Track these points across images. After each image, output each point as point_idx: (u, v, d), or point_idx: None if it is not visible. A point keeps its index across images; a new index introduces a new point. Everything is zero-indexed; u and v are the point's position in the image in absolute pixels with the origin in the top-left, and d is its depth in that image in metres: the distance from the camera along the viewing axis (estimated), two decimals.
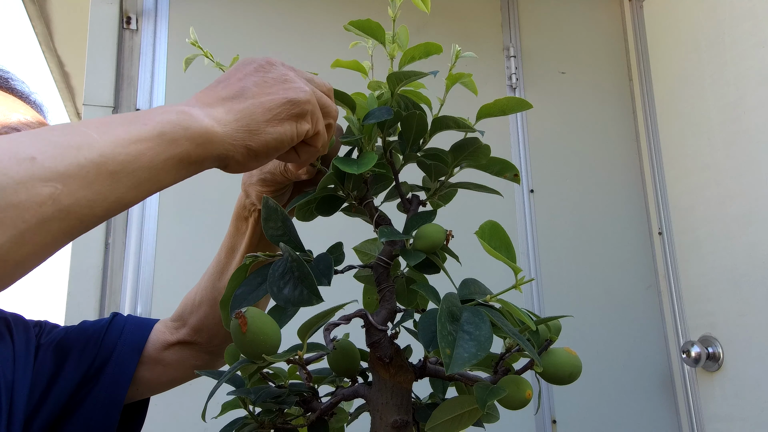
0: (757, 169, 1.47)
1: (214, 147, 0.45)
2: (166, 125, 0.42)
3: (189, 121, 0.44)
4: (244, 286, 0.54)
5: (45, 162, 0.36)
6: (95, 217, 0.39)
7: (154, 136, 0.41)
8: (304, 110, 0.49)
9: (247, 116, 0.47)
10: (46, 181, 0.36)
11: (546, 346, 0.53)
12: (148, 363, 0.75)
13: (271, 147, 0.48)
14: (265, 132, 0.47)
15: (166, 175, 0.42)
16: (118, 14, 1.47)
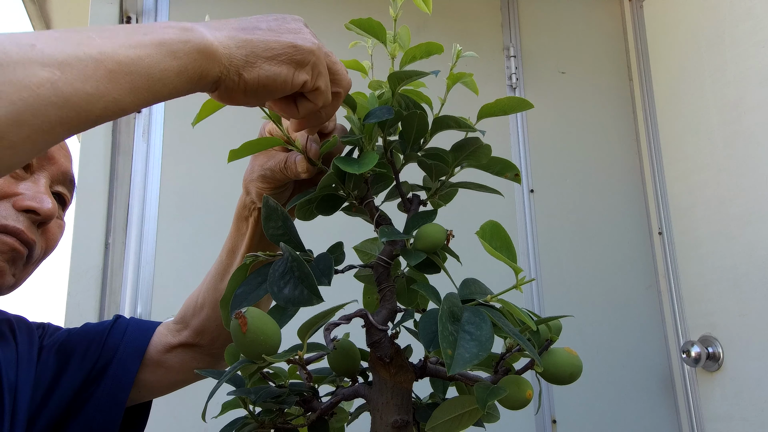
0: (757, 169, 1.47)
1: (211, 64, 0.45)
2: (167, 37, 0.43)
3: (190, 35, 0.44)
4: (244, 286, 0.54)
5: (45, 49, 0.36)
6: (92, 114, 0.39)
7: (154, 44, 0.42)
8: (306, 59, 0.49)
9: (249, 47, 0.48)
10: (44, 66, 0.36)
11: (546, 346, 0.53)
12: (150, 365, 0.75)
13: (262, 83, 0.48)
14: (261, 67, 0.48)
15: (162, 87, 0.43)
16: (118, 14, 1.47)
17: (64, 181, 0.71)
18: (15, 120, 0.35)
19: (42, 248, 0.68)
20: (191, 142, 1.45)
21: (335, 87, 0.54)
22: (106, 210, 1.37)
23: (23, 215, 0.63)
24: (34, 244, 0.65)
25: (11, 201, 0.63)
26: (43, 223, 0.66)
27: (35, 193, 0.64)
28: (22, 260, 0.65)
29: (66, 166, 0.70)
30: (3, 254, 0.62)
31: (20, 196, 0.63)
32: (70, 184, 0.72)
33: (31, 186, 0.65)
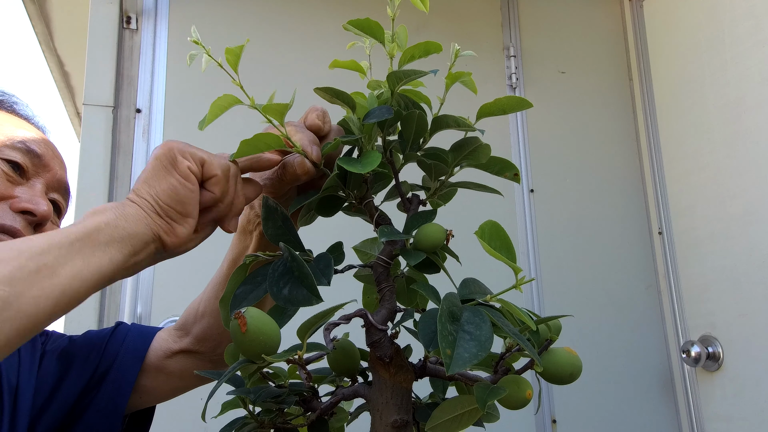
0: (757, 169, 1.47)
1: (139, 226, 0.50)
2: (91, 224, 0.47)
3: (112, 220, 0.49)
4: (243, 286, 0.54)
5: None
6: (43, 312, 0.43)
7: (81, 235, 0.46)
8: (171, 156, 0.52)
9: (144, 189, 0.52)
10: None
11: (546, 346, 0.53)
12: (150, 371, 0.76)
13: (172, 202, 0.52)
14: (162, 199, 0.52)
15: (102, 259, 0.47)
16: (118, 14, 1.47)
17: (59, 189, 0.72)
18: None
19: None
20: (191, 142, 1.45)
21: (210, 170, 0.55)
22: None
23: (20, 216, 0.64)
24: None
25: (8, 203, 0.64)
26: (39, 226, 0.67)
27: (31, 196, 0.66)
28: None
29: (61, 175, 0.72)
30: None
31: (17, 198, 0.65)
32: (65, 193, 0.73)
33: (27, 190, 0.66)
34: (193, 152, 0.53)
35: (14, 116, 0.72)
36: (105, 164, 1.39)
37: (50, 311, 0.43)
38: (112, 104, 1.43)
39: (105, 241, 0.47)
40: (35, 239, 0.44)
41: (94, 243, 0.47)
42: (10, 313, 0.40)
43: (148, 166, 0.53)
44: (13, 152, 0.66)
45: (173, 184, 0.52)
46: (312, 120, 0.59)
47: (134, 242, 0.50)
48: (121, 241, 0.49)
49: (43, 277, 0.43)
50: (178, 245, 0.53)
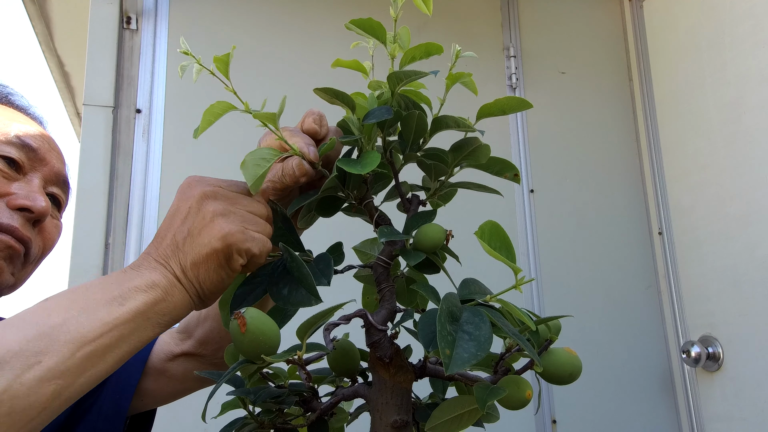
0: (757, 169, 1.47)
1: (184, 312, 0.51)
2: (141, 306, 0.47)
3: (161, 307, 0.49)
4: (243, 286, 0.54)
5: (48, 363, 0.42)
6: (87, 389, 0.45)
7: (130, 318, 0.47)
8: (228, 253, 0.50)
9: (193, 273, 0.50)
10: (50, 381, 0.41)
11: (546, 346, 0.53)
12: (152, 374, 0.76)
13: (216, 291, 0.52)
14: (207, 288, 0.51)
15: (145, 340, 0.48)
16: (118, 14, 1.47)
17: (57, 183, 0.71)
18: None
19: (39, 247, 0.68)
20: (191, 142, 1.45)
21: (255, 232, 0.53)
22: (106, 210, 1.37)
23: (17, 213, 0.63)
24: (29, 242, 0.65)
25: (5, 200, 0.63)
26: (38, 222, 0.67)
27: (28, 192, 0.65)
28: (19, 259, 0.65)
29: (59, 168, 0.70)
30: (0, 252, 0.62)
31: (13, 195, 0.64)
32: (64, 186, 0.72)
33: (24, 186, 0.65)
34: (249, 249, 0.51)
35: (9, 108, 0.70)
36: (105, 164, 1.39)
37: (93, 386, 0.46)
38: (112, 104, 1.43)
39: (151, 324, 0.48)
40: (85, 323, 0.44)
41: (141, 327, 0.47)
42: (61, 402, 0.43)
43: (201, 249, 0.50)
44: (8, 147, 0.65)
45: (223, 279, 0.51)
46: (309, 124, 0.59)
47: (175, 321, 0.51)
48: (165, 324, 0.50)
49: (92, 364, 0.44)
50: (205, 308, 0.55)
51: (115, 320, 0.46)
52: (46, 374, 0.41)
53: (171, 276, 0.49)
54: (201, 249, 0.50)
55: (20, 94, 0.73)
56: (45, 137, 0.70)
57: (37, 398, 0.41)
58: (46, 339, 0.42)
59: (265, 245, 0.52)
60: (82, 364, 0.43)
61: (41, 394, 0.41)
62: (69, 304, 0.45)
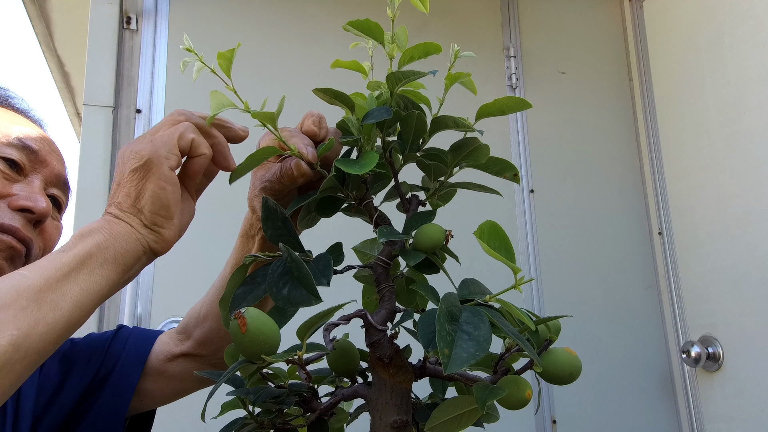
0: (757, 169, 1.47)
1: (130, 244, 0.51)
2: (84, 249, 0.48)
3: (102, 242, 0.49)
4: (243, 286, 0.54)
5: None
6: (50, 344, 0.45)
7: (76, 261, 0.47)
8: (149, 167, 0.52)
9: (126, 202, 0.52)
10: (2, 332, 0.41)
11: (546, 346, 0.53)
12: (151, 374, 0.76)
13: (155, 208, 0.52)
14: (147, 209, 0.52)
15: (99, 282, 0.48)
16: (118, 14, 1.47)
17: (57, 184, 0.71)
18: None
19: (40, 248, 0.68)
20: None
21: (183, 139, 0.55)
22: None
23: (18, 214, 0.64)
24: (31, 242, 0.65)
25: (6, 201, 0.64)
26: (39, 223, 0.67)
27: (29, 193, 0.65)
28: (20, 259, 0.65)
29: (59, 169, 0.71)
30: (1, 252, 0.62)
31: (14, 196, 0.64)
32: (64, 187, 0.73)
33: (25, 187, 0.65)
34: (170, 150, 0.53)
35: (9, 111, 0.71)
36: (105, 164, 1.39)
37: (56, 341, 0.45)
38: (112, 105, 1.43)
39: (99, 264, 0.48)
40: (30, 275, 0.45)
41: (89, 269, 0.48)
42: (20, 354, 0.42)
43: (123, 177, 0.52)
44: (9, 149, 0.65)
45: (155, 192, 0.52)
46: (308, 126, 0.60)
47: (126, 260, 0.51)
48: (114, 261, 0.50)
49: (46, 313, 0.44)
50: (168, 249, 0.55)
51: (61, 266, 0.46)
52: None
53: (109, 216, 0.52)
54: (123, 176, 0.52)
55: (20, 97, 0.74)
56: (45, 139, 0.70)
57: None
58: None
59: (188, 127, 0.54)
60: (35, 313, 0.43)
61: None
62: (16, 271, 0.46)
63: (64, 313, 0.45)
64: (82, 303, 0.47)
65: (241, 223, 0.70)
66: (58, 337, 0.45)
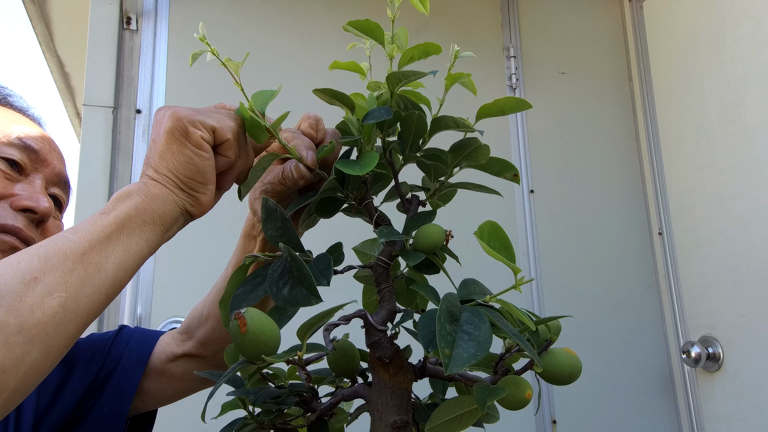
0: (757, 169, 1.47)
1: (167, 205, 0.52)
2: (124, 211, 0.49)
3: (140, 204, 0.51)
4: (243, 286, 0.54)
5: (46, 279, 0.43)
6: (98, 304, 0.46)
7: (117, 224, 0.49)
8: (182, 128, 0.52)
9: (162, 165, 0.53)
10: (52, 294, 0.42)
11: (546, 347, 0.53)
12: (153, 374, 0.76)
13: (191, 175, 0.53)
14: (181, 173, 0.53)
15: (140, 243, 0.50)
16: (118, 14, 1.47)
17: (58, 183, 0.71)
18: (45, 352, 0.42)
19: None
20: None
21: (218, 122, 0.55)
22: None
23: (21, 214, 0.64)
24: (33, 242, 0.65)
25: (8, 201, 0.64)
26: (41, 222, 0.67)
27: (31, 193, 0.65)
28: None
29: (59, 168, 0.71)
30: (4, 253, 0.62)
31: (16, 196, 0.64)
32: (64, 186, 0.73)
33: (27, 187, 0.65)
34: (203, 120, 0.53)
35: (8, 109, 0.70)
36: (105, 165, 1.39)
37: (104, 302, 0.46)
38: (112, 105, 1.43)
39: (138, 225, 0.50)
40: (74, 238, 0.46)
41: (129, 231, 0.49)
42: (71, 315, 0.43)
43: (159, 138, 0.53)
44: (10, 149, 0.65)
45: (190, 157, 0.52)
46: (305, 129, 0.60)
47: (165, 221, 0.52)
48: (153, 222, 0.51)
49: (92, 274, 0.45)
50: (204, 212, 0.55)
51: (103, 228, 0.47)
52: (47, 289, 0.42)
53: (146, 179, 0.52)
54: (159, 139, 0.53)
55: (19, 95, 0.74)
56: (45, 138, 0.70)
57: (44, 313, 0.42)
58: (37, 258, 0.44)
59: (224, 120, 0.54)
60: (81, 275, 0.45)
61: (47, 308, 0.42)
62: (59, 234, 0.47)
63: (109, 274, 0.46)
64: (125, 263, 0.48)
65: (243, 224, 0.70)
66: (105, 298, 0.47)
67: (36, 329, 0.41)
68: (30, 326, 0.41)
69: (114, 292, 0.47)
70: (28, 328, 0.40)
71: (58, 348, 0.43)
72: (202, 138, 0.53)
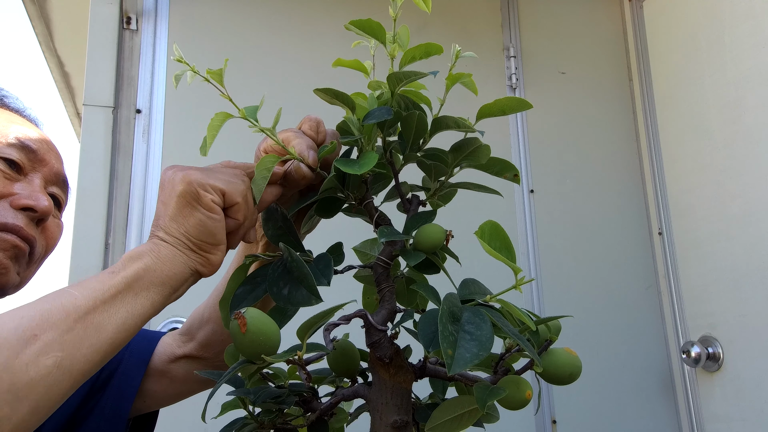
0: (757, 169, 1.47)
1: (177, 267, 0.51)
2: (133, 272, 0.49)
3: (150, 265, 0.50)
4: (243, 286, 0.54)
5: (44, 337, 0.42)
6: (94, 364, 0.45)
7: (124, 284, 0.48)
8: (193, 192, 0.52)
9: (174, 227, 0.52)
10: (48, 354, 0.42)
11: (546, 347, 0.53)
12: (154, 375, 0.76)
13: (203, 236, 0.52)
14: (193, 234, 0.52)
15: (145, 304, 0.49)
16: (118, 14, 1.47)
17: (57, 182, 0.71)
18: (35, 410, 0.42)
19: (43, 246, 0.69)
20: (191, 143, 1.45)
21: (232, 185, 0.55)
22: (106, 210, 1.37)
23: (21, 213, 0.64)
24: (34, 241, 0.66)
25: (8, 200, 0.64)
26: (41, 221, 0.67)
27: (31, 192, 0.65)
28: (24, 258, 0.65)
29: (58, 168, 0.71)
30: (5, 252, 0.63)
31: (16, 195, 0.64)
32: (63, 185, 0.73)
33: (26, 186, 0.66)
34: (213, 184, 0.53)
35: (5, 110, 0.71)
36: (105, 165, 1.39)
37: (100, 362, 0.46)
38: (112, 105, 1.43)
39: (146, 287, 0.49)
40: (79, 295, 0.46)
41: (136, 292, 0.48)
42: (65, 375, 0.43)
43: (170, 201, 0.53)
44: (8, 149, 0.65)
45: (201, 219, 0.52)
46: (305, 131, 0.61)
47: (174, 282, 0.51)
48: (161, 284, 0.50)
49: (91, 335, 0.45)
50: (214, 271, 0.55)
51: (109, 288, 0.47)
52: (44, 348, 0.42)
53: (156, 239, 0.52)
54: (170, 201, 0.52)
55: (15, 96, 0.74)
56: (43, 138, 0.71)
57: (37, 372, 0.41)
58: (38, 315, 0.43)
59: (233, 183, 0.54)
60: (80, 335, 0.44)
61: (41, 367, 0.42)
62: (65, 289, 0.47)
63: (109, 335, 0.46)
64: (127, 325, 0.48)
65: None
66: (102, 358, 0.46)
67: (27, 388, 0.41)
68: (21, 385, 0.40)
69: (112, 352, 0.47)
70: (19, 386, 0.40)
71: (47, 407, 0.42)
72: (213, 201, 0.52)
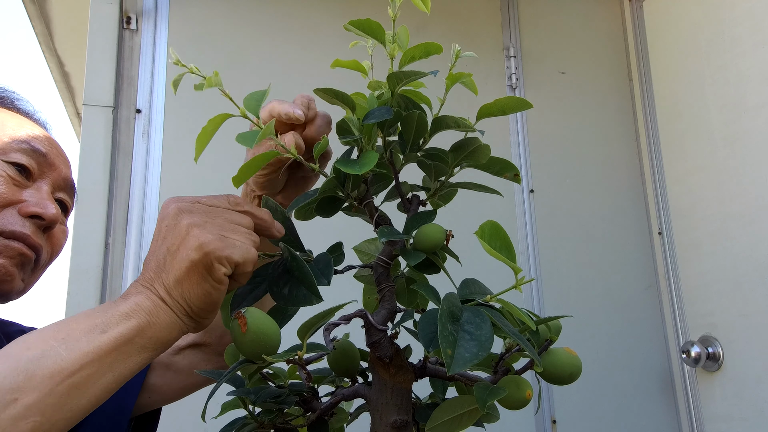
0: (757, 169, 1.47)
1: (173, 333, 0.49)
2: (124, 332, 0.46)
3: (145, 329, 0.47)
4: (244, 286, 0.54)
5: (25, 400, 0.41)
6: (74, 422, 0.44)
7: (113, 347, 0.46)
8: (208, 263, 0.48)
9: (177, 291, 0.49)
10: (27, 418, 0.41)
11: (546, 346, 0.53)
12: (158, 368, 0.76)
13: (205, 307, 0.50)
14: (195, 304, 0.49)
15: (133, 367, 0.47)
16: (118, 14, 1.47)
17: (65, 188, 0.72)
18: None
19: (48, 253, 0.69)
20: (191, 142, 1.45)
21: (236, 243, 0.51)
22: (106, 210, 1.37)
23: (29, 221, 0.65)
24: (40, 249, 0.66)
25: (16, 208, 0.65)
26: (48, 228, 0.68)
27: (39, 199, 0.66)
28: (30, 265, 0.66)
29: (66, 173, 0.72)
30: (12, 259, 0.63)
31: (25, 202, 0.65)
32: (70, 191, 0.74)
33: (34, 193, 0.66)
34: (230, 257, 0.49)
35: (16, 113, 0.71)
36: (105, 164, 1.39)
37: (79, 419, 0.45)
38: (112, 104, 1.42)
39: (137, 351, 0.47)
40: (66, 356, 0.44)
41: (126, 355, 0.46)
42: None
43: (178, 259, 0.49)
44: (18, 154, 0.66)
45: (208, 291, 0.49)
46: (297, 104, 0.61)
47: (164, 345, 0.49)
48: (153, 349, 0.48)
49: (73, 397, 0.43)
50: (202, 330, 0.54)
51: (96, 349, 0.45)
52: (23, 412, 0.41)
53: (155, 297, 0.48)
54: (181, 264, 0.48)
55: (26, 99, 0.74)
56: (52, 142, 0.71)
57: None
58: (23, 374, 0.42)
59: (248, 252, 0.50)
60: (62, 398, 0.43)
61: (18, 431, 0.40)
62: (51, 335, 0.45)
63: (91, 398, 0.45)
64: (110, 387, 0.46)
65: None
66: (82, 416, 0.45)
67: None
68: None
69: (90, 410, 0.46)
70: None
71: None
72: (224, 274, 0.49)
